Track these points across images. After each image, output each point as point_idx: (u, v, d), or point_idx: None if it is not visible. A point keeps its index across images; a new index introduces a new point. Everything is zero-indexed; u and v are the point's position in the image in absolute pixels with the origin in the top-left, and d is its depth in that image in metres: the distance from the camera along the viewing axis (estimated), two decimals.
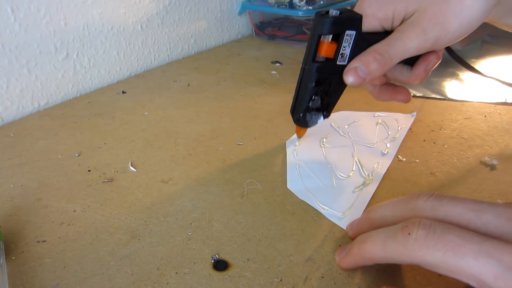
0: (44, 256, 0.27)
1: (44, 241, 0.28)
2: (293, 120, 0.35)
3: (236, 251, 0.27)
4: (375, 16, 0.29)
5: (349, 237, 0.28)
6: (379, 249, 0.21)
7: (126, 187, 0.34)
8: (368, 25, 0.30)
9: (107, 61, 0.58)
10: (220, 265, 0.26)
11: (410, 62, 0.32)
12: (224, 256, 0.27)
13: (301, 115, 0.33)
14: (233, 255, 0.27)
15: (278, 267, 0.26)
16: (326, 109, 0.34)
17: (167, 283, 0.25)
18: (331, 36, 0.30)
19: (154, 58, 0.65)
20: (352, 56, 0.30)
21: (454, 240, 0.18)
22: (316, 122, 0.34)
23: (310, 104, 0.32)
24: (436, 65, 0.31)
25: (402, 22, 0.29)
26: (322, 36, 0.30)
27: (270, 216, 0.30)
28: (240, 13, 0.79)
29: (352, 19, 0.29)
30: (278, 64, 0.64)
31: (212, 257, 0.26)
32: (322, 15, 0.29)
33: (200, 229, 0.29)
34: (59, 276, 0.25)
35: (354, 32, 0.29)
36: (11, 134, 0.44)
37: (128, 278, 0.25)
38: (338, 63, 0.30)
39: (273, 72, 0.60)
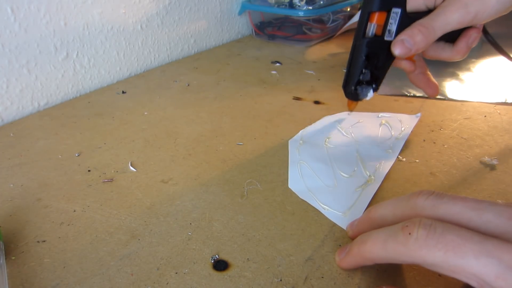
0: (44, 256, 0.27)
1: (44, 241, 0.28)
2: (345, 93, 0.38)
3: (236, 251, 0.27)
4: None
5: (349, 237, 0.28)
6: (379, 249, 0.21)
7: (126, 187, 0.34)
8: (413, 4, 0.33)
9: (107, 61, 0.58)
10: (220, 265, 0.26)
11: (452, 39, 0.35)
12: (224, 256, 0.26)
13: (352, 88, 0.36)
14: (233, 255, 0.27)
15: (278, 267, 0.26)
16: (375, 82, 0.36)
17: (167, 283, 0.25)
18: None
19: (154, 58, 0.65)
20: (398, 32, 0.33)
21: (455, 239, 0.18)
22: (366, 95, 0.37)
23: (361, 77, 0.36)
24: (477, 40, 0.34)
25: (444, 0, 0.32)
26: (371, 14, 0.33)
27: (270, 216, 0.30)
28: (240, 13, 0.79)
29: None
30: (278, 64, 0.64)
31: (212, 257, 0.26)
32: None
33: (200, 229, 0.29)
34: (59, 276, 0.25)
35: (399, 10, 0.32)
36: (11, 134, 0.44)
37: (128, 278, 0.25)
38: (385, 38, 0.34)
39: (273, 72, 0.60)
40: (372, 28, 0.34)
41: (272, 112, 0.47)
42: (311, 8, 0.68)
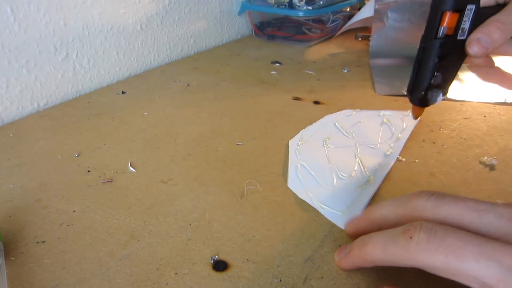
0: (44, 256, 0.27)
1: (44, 241, 0.28)
2: (413, 100, 0.36)
3: (236, 252, 0.27)
4: None
5: (347, 234, 0.28)
6: (380, 252, 0.21)
7: (125, 188, 0.34)
8: None
9: (107, 61, 0.58)
10: (220, 266, 0.26)
11: None
12: (223, 257, 0.26)
13: (422, 93, 0.34)
14: (232, 255, 0.27)
15: (277, 267, 0.26)
16: (444, 86, 0.34)
17: (167, 284, 0.25)
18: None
19: (154, 58, 0.65)
20: (470, 30, 0.31)
21: (455, 243, 0.18)
22: (436, 100, 0.35)
23: (432, 81, 0.33)
24: None
25: None
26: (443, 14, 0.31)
27: (270, 216, 0.30)
28: (240, 13, 0.79)
29: None
30: (277, 64, 0.64)
31: (211, 258, 0.26)
32: None
33: (200, 229, 0.29)
34: (58, 277, 0.25)
35: (474, 6, 0.31)
36: (11, 135, 0.44)
37: (128, 279, 0.25)
38: (458, 38, 0.32)
39: (272, 72, 0.60)
40: (444, 28, 0.32)
41: (272, 112, 0.47)
42: (311, 8, 0.68)
